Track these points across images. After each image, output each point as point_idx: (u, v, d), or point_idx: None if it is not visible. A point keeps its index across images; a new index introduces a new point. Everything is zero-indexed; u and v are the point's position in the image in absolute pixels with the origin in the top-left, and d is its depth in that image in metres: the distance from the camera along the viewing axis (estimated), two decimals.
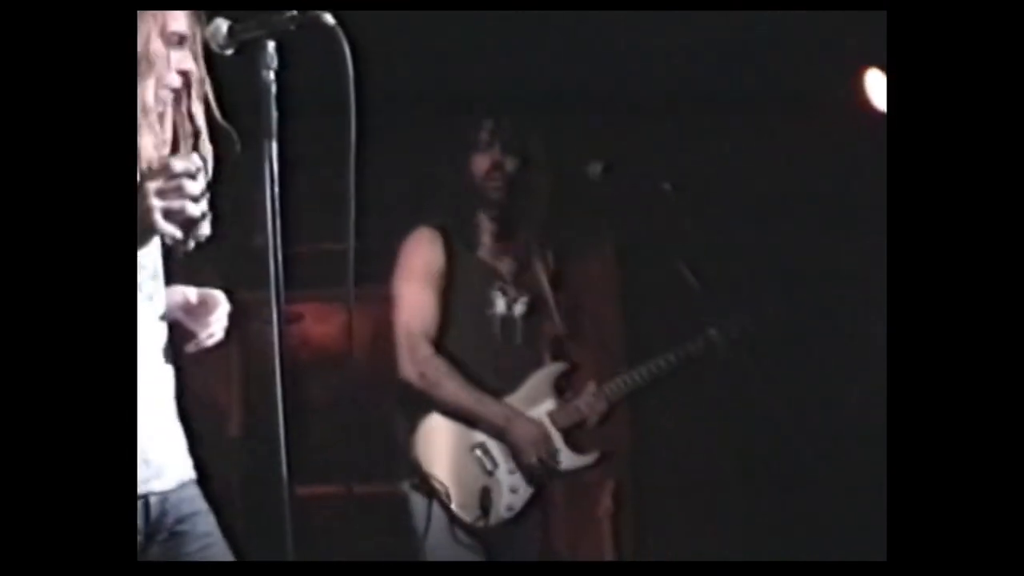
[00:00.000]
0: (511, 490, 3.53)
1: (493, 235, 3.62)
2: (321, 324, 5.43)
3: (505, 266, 3.65)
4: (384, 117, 4.42)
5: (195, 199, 2.04)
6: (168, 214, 2.02)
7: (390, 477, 3.54)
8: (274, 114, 2.05)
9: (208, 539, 2.24)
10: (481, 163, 3.59)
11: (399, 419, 3.57)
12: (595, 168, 3.67)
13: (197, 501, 2.26)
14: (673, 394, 4.65)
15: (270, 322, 2.05)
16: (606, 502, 4.84)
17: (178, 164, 2.04)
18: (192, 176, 2.04)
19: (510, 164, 3.58)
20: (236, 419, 5.59)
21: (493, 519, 3.48)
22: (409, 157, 4.67)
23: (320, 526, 4.67)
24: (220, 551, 2.25)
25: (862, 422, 4.30)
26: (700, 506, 5.20)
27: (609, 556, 4.78)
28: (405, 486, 3.49)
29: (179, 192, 2.02)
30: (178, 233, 2.07)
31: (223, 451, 5.38)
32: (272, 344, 2.01)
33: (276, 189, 2.04)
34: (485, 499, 3.46)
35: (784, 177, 4.96)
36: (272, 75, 2.05)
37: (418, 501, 3.46)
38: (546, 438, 3.58)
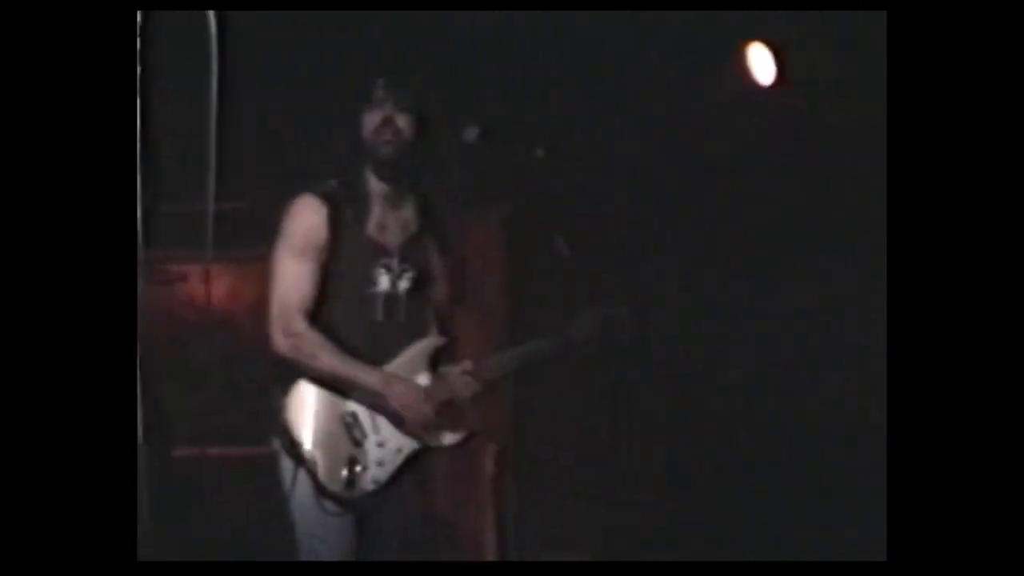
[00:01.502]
0: (377, 463, 3.48)
1: (383, 198, 3.50)
2: (207, 285, 5.13)
3: (392, 237, 3.53)
4: (275, 77, 4.51)
5: None
6: None
7: (263, 439, 3.51)
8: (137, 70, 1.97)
9: None
10: (372, 119, 3.46)
11: (272, 384, 3.50)
12: (471, 132, 3.59)
13: None
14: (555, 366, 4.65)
15: (156, 282, 2.01)
16: (488, 465, 4.85)
17: None
18: None
19: (402, 121, 3.45)
20: None
21: (359, 490, 3.44)
22: (301, 117, 4.66)
23: (198, 487, 4.72)
24: None
25: (856, 420, 4.45)
26: (580, 470, 5.26)
27: (491, 519, 4.84)
28: (276, 445, 3.45)
29: None
30: None
31: None
32: (154, 303, 1.97)
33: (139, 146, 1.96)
34: (351, 470, 3.42)
35: (673, 149, 4.98)
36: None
37: (287, 464, 3.42)
38: (428, 394, 3.52)
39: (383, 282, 3.49)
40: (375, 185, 3.51)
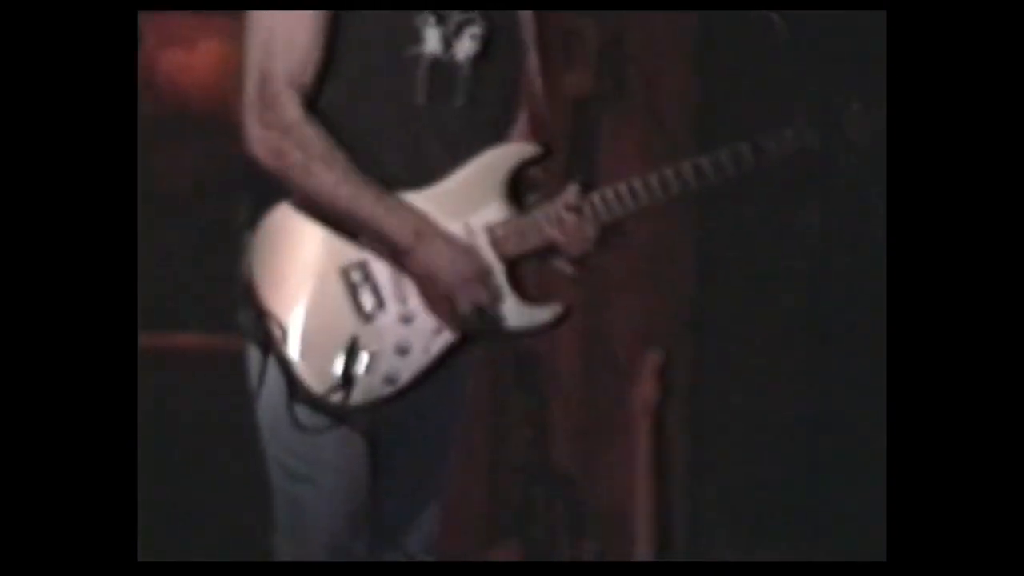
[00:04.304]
0: (399, 350, 2.64)
1: None
2: (179, 51, 4.31)
3: None
4: None
5: None
6: None
7: (231, 318, 2.70)
8: None
9: None
10: None
11: (241, 217, 2.67)
12: None
13: None
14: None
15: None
16: (647, 386, 3.78)
17: None
18: None
19: None
20: None
21: (361, 394, 2.60)
22: None
23: (164, 380, 4.12)
24: None
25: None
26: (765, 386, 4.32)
27: (645, 475, 3.79)
28: (241, 320, 2.69)
29: None
30: None
31: None
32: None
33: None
34: (350, 357, 2.61)
35: None
36: None
37: (254, 353, 2.64)
38: (480, 272, 2.68)
39: (431, 39, 2.72)
40: None
